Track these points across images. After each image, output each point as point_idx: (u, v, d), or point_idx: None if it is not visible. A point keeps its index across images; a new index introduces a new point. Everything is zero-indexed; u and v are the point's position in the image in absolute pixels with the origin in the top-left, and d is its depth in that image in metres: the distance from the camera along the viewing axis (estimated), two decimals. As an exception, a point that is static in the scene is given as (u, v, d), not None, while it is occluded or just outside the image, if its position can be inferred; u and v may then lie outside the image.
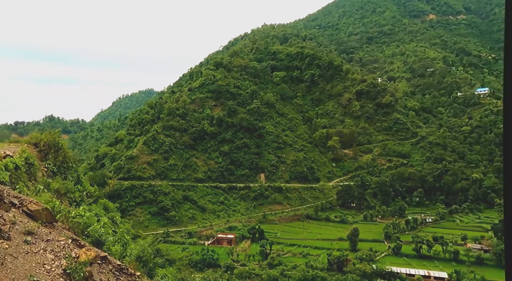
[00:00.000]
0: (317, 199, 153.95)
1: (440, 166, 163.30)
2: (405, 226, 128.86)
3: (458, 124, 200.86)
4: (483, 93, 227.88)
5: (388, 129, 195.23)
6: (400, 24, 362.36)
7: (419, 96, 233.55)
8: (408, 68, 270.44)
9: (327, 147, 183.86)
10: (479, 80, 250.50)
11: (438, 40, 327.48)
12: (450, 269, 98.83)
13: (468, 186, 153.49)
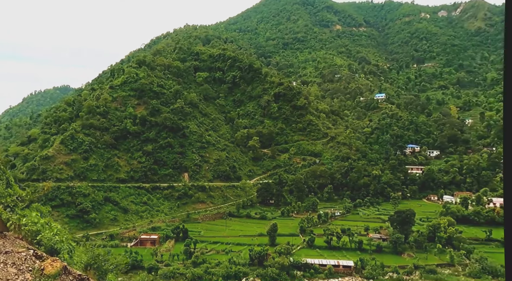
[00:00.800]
0: (239, 197, 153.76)
1: (346, 164, 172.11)
2: (317, 220, 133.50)
3: (361, 126, 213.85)
4: (381, 98, 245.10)
5: (302, 130, 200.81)
6: (312, 32, 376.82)
7: (329, 99, 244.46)
8: (319, 73, 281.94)
9: (247, 146, 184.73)
10: (377, 86, 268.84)
11: (344, 49, 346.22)
12: (355, 258, 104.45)
13: (369, 182, 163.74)
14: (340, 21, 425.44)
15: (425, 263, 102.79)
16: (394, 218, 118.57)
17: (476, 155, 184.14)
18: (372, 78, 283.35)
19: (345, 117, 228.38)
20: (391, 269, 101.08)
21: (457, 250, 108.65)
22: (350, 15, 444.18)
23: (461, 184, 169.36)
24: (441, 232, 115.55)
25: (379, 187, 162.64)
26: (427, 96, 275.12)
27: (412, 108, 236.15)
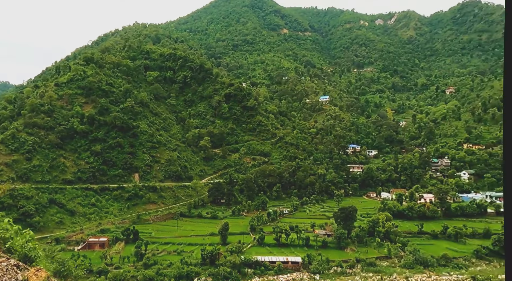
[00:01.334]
0: (190, 197, 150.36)
1: (294, 163, 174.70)
2: (267, 218, 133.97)
3: (307, 127, 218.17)
4: (325, 100, 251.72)
5: (252, 130, 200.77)
6: (260, 35, 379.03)
7: (277, 101, 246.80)
8: (268, 75, 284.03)
9: (199, 146, 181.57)
10: (322, 89, 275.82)
11: (291, 52, 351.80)
12: (303, 254, 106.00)
13: (315, 181, 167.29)
14: (287, 25, 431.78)
15: (366, 257, 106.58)
16: (338, 214, 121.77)
17: (409, 155, 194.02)
18: (317, 81, 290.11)
19: (293, 118, 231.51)
20: (335, 263, 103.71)
21: (393, 243, 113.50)
22: (296, 19, 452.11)
23: (396, 182, 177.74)
24: (379, 227, 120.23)
25: (324, 185, 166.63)
26: (366, 99, 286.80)
27: (353, 110, 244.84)
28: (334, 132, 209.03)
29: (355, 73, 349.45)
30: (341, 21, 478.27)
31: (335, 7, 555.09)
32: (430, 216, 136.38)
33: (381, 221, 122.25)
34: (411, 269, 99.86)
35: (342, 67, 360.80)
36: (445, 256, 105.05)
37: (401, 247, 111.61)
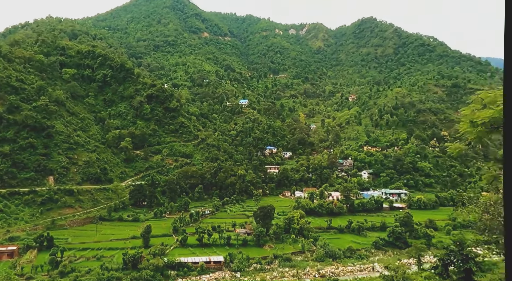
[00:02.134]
0: (110, 199, 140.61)
1: (215, 164, 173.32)
2: (189, 219, 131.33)
3: (227, 129, 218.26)
4: (244, 103, 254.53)
5: (174, 132, 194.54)
6: (182, 37, 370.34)
7: (198, 103, 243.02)
8: (189, 77, 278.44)
9: (119, 148, 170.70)
10: (241, 92, 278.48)
11: (212, 55, 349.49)
12: (225, 253, 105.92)
13: (235, 181, 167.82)
14: (207, 29, 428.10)
15: (283, 252, 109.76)
16: (258, 213, 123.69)
17: (319, 156, 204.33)
18: (236, 85, 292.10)
19: (214, 120, 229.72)
20: (255, 260, 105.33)
21: (306, 239, 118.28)
22: (217, 24, 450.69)
23: (308, 181, 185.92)
24: (294, 224, 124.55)
25: (243, 186, 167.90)
26: (282, 103, 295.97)
27: (270, 113, 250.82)
28: (253, 134, 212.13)
29: (271, 79, 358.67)
30: (258, 29, 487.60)
31: (253, 15, 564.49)
32: (337, 212, 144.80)
33: (295, 218, 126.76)
34: (321, 262, 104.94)
35: (259, 72, 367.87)
36: (350, 248, 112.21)
37: (313, 242, 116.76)
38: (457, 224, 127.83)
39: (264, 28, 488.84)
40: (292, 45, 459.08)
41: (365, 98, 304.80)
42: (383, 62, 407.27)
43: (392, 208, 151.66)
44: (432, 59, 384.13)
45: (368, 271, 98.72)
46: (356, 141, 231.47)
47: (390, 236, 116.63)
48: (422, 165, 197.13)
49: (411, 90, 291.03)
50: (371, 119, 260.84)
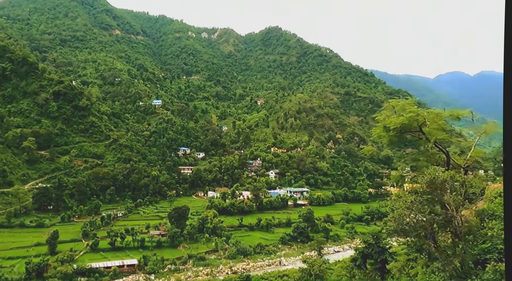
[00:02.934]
0: (10, 204, 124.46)
1: (128, 165, 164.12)
2: (100, 222, 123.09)
3: (140, 129, 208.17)
4: (158, 104, 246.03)
5: (84, 131, 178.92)
6: (91, 33, 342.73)
7: (110, 102, 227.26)
8: (100, 75, 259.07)
9: (21, 148, 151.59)
10: (155, 93, 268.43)
11: (124, 54, 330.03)
12: (139, 256, 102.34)
13: (149, 182, 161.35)
14: (119, 27, 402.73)
15: (197, 252, 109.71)
16: (172, 214, 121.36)
17: (231, 157, 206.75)
18: (149, 85, 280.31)
19: (126, 120, 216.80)
20: (169, 261, 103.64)
21: (220, 238, 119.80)
22: (129, 22, 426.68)
23: (220, 181, 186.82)
24: (208, 224, 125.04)
25: (157, 187, 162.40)
26: (195, 105, 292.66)
27: (184, 115, 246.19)
28: (166, 135, 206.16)
29: (185, 80, 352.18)
30: (172, 30, 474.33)
31: (166, 16, 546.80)
32: (248, 210, 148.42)
33: (209, 218, 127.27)
34: (234, 259, 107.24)
35: (173, 73, 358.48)
36: (260, 245, 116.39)
37: (226, 240, 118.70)
38: (349, 218, 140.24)
39: (177, 29, 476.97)
40: (205, 48, 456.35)
41: (272, 102, 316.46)
42: (287, 69, 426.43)
43: (296, 205, 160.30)
44: (329, 69, 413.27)
45: (276, 265, 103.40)
46: (264, 142, 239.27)
47: (295, 232, 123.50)
48: (321, 165, 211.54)
49: (311, 96, 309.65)
50: (277, 122, 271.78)
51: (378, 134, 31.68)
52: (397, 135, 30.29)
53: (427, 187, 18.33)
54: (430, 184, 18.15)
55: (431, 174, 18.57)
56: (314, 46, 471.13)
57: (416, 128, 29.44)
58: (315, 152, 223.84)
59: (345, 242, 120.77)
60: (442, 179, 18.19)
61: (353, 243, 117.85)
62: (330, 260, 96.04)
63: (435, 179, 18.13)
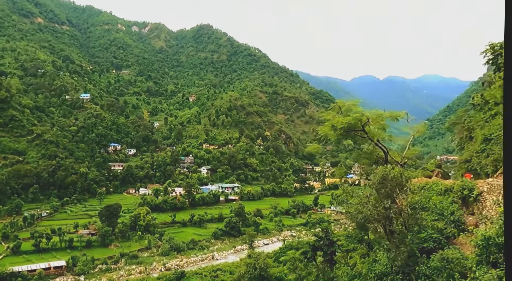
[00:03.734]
0: None
1: (54, 162, 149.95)
2: (22, 223, 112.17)
3: (67, 124, 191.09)
4: (86, 98, 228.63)
5: (3, 126, 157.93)
6: (10, 20, 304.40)
7: (32, 95, 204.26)
8: (20, 65, 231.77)
9: None
10: (82, 86, 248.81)
11: (47, 44, 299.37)
12: (67, 257, 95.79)
13: (77, 180, 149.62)
14: (42, 15, 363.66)
15: (129, 250, 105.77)
16: (103, 212, 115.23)
17: (163, 153, 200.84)
18: (77, 78, 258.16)
19: (51, 114, 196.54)
20: (100, 261, 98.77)
21: (153, 235, 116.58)
22: (53, 10, 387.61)
23: (152, 178, 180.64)
24: (140, 221, 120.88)
25: (86, 184, 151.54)
26: (125, 100, 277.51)
27: (114, 110, 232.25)
28: (96, 130, 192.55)
29: (114, 74, 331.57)
30: (100, 21, 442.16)
31: (93, 6, 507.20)
32: (181, 207, 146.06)
33: (142, 215, 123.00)
34: (167, 256, 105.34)
35: (101, 67, 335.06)
36: (193, 240, 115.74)
37: (159, 237, 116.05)
38: (277, 212, 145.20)
39: (106, 21, 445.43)
40: (135, 42, 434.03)
41: (204, 99, 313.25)
42: (218, 67, 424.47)
43: (228, 201, 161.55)
44: (258, 68, 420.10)
45: (209, 260, 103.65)
46: (196, 139, 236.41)
47: (227, 226, 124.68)
48: (251, 161, 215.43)
49: (242, 94, 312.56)
50: (209, 119, 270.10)
51: (326, 132, 32.67)
52: (344, 134, 31.94)
53: (379, 183, 18.85)
54: (382, 180, 18.70)
55: (383, 171, 19.16)
56: (244, 46, 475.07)
57: (359, 128, 30.50)
58: (246, 149, 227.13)
59: (274, 235, 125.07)
60: (392, 175, 18.87)
61: (281, 236, 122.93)
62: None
63: (387, 176, 18.71)
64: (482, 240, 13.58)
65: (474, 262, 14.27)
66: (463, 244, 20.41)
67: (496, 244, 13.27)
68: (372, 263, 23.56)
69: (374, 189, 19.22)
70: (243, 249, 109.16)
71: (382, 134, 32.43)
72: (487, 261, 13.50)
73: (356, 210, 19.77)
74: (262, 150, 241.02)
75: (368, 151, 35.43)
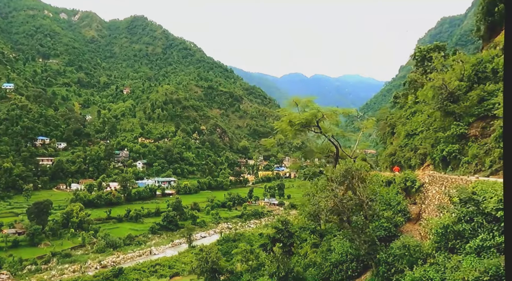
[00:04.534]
0: None
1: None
2: None
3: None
4: (9, 88, 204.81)
5: None
6: None
7: None
8: None
9: None
10: (4, 75, 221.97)
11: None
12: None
13: (0, 176, 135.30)
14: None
15: (61, 249, 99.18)
16: (32, 210, 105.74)
17: (96, 147, 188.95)
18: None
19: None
20: (29, 262, 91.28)
21: (87, 232, 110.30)
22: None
23: (85, 173, 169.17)
24: (73, 218, 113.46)
25: (10, 180, 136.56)
26: (54, 91, 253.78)
27: (41, 101, 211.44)
28: (21, 123, 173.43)
29: (41, 63, 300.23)
30: (24, 6, 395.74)
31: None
32: (116, 202, 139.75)
33: (74, 211, 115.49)
34: (103, 253, 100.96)
35: (26, 55, 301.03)
36: (129, 236, 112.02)
37: (94, 234, 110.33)
38: (214, 205, 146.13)
39: (31, 6, 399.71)
40: (64, 31, 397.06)
41: (139, 92, 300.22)
42: (153, 60, 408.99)
43: (164, 195, 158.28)
44: (193, 62, 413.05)
45: (147, 255, 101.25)
46: (131, 132, 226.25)
47: (164, 221, 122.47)
48: (187, 155, 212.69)
49: (177, 88, 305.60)
50: (144, 112, 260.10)
51: (283, 127, 32.82)
52: (300, 129, 32.47)
53: (342, 177, 18.96)
54: (345, 173, 18.83)
55: (346, 165, 19.31)
56: (179, 39, 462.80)
57: (315, 123, 31.08)
58: (182, 143, 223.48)
59: (211, 228, 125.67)
60: (355, 169, 19.02)
61: (218, 228, 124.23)
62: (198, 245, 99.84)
63: (350, 169, 18.79)
64: (441, 228, 13.90)
65: (433, 248, 14.56)
66: (409, 231, 20.88)
67: (454, 231, 13.75)
68: (326, 252, 23.87)
69: (337, 182, 19.03)
70: (181, 243, 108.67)
71: (335, 129, 32.84)
72: (445, 247, 13.90)
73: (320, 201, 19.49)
74: (198, 144, 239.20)
75: (321, 146, 35.70)
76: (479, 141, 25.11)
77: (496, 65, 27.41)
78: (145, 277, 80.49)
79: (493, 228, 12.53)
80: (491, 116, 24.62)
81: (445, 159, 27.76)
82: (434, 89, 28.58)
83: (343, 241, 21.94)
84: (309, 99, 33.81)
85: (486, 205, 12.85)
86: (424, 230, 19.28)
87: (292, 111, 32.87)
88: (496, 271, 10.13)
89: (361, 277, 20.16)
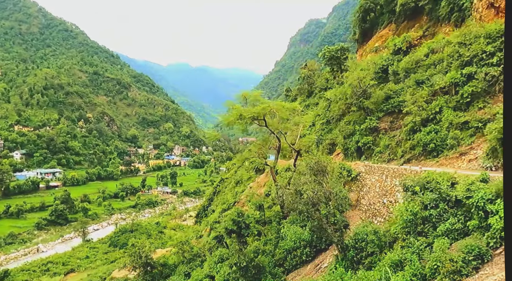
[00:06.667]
0: None
1: None
2: None
3: None
4: None
5: None
6: None
7: None
8: None
9: None
10: None
11: None
12: None
13: None
14: None
15: None
16: None
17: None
18: None
19: None
20: None
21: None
22: None
23: None
24: None
25: None
26: None
27: None
28: None
29: None
30: None
31: None
32: None
33: None
34: None
35: None
36: (11, 234, 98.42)
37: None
38: (106, 196, 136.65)
39: None
40: None
41: (13, 74, 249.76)
42: (28, 40, 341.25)
43: (49, 187, 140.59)
44: (75, 46, 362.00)
45: (34, 253, 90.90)
46: (5, 120, 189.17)
47: (52, 215, 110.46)
48: (73, 144, 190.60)
49: (59, 72, 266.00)
50: (21, 97, 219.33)
51: (231, 121, 31.17)
52: (249, 123, 31.46)
53: (315, 170, 18.38)
54: (316, 166, 18.27)
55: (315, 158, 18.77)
56: (59, 20, 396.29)
57: (261, 117, 30.12)
58: (66, 131, 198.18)
59: (104, 219, 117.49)
60: (325, 163, 18.41)
61: (111, 219, 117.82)
62: (94, 239, 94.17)
63: (320, 162, 18.13)
64: (411, 215, 13.71)
65: (402, 233, 14.27)
66: (351, 217, 20.90)
67: (422, 217, 13.61)
68: (274, 240, 23.70)
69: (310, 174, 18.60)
70: (72, 237, 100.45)
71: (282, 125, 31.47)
72: (414, 232, 13.82)
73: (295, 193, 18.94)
74: (85, 132, 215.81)
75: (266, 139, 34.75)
76: (389, 134, 26.55)
77: (396, 68, 29.44)
78: (35, 277, 73.15)
79: (457, 212, 12.89)
80: (397, 112, 26.44)
81: (360, 149, 28.86)
82: (352, 87, 29.53)
83: (294, 229, 21.70)
84: (257, 93, 33.81)
85: (449, 193, 13.34)
86: (365, 214, 20.03)
87: (237, 105, 32.05)
88: (479, 251, 10.68)
89: (315, 260, 20.24)
